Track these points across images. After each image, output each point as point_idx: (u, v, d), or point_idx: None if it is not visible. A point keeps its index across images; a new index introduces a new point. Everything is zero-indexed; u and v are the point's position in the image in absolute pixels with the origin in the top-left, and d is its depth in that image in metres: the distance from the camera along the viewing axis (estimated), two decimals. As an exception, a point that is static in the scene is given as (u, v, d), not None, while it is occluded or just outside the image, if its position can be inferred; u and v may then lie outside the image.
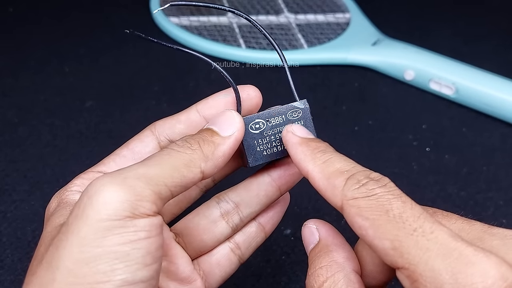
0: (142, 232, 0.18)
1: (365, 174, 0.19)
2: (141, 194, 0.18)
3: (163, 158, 0.20)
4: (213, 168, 0.21)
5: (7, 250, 0.34)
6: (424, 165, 0.42)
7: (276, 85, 0.49)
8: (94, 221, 0.17)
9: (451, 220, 0.19)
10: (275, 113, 0.23)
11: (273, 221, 0.26)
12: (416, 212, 0.17)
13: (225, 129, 0.22)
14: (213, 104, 0.24)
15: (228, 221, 0.25)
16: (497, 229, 0.18)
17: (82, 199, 0.18)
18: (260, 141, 0.23)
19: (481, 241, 0.18)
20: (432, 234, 0.16)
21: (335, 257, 0.20)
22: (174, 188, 0.19)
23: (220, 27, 0.57)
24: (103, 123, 0.45)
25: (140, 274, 0.18)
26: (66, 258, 0.17)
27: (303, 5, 0.62)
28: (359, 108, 0.49)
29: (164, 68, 0.52)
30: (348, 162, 0.20)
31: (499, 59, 0.56)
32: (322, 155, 0.20)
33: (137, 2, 0.62)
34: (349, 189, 0.19)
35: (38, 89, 0.49)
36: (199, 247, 0.25)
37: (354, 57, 0.53)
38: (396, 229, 0.17)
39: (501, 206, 0.39)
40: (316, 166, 0.20)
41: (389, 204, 0.18)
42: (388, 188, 0.18)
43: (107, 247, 0.17)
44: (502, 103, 0.46)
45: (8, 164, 0.41)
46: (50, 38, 0.55)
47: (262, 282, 0.33)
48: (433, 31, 0.60)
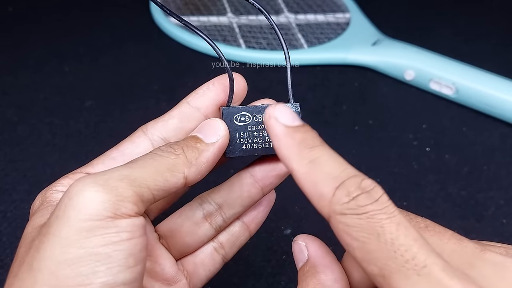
0: (124, 233, 0.18)
1: (357, 183, 0.17)
2: (122, 194, 0.18)
3: (147, 162, 0.20)
4: (196, 174, 0.21)
5: (7, 249, 0.34)
6: (425, 165, 0.42)
7: (276, 85, 0.49)
8: (75, 222, 0.17)
9: (443, 239, 0.18)
10: (263, 109, 0.23)
11: (257, 221, 0.26)
12: (410, 239, 0.16)
13: (210, 136, 0.22)
14: (203, 93, 0.24)
15: (211, 223, 0.24)
16: (489, 254, 0.17)
17: (63, 200, 0.18)
18: (242, 134, 0.23)
19: (471, 268, 0.17)
20: (424, 268, 0.15)
21: (322, 279, 0.20)
22: (156, 192, 0.19)
23: (220, 27, 0.57)
24: (103, 122, 0.45)
25: (122, 277, 0.17)
26: (48, 260, 0.17)
27: (303, 5, 0.62)
28: (359, 108, 0.49)
29: (163, 67, 0.52)
30: (338, 163, 0.18)
31: (499, 59, 0.56)
32: (309, 152, 0.18)
33: (137, 1, 0.62)
34: (337, 202, 0.17)
35: (37, 88, 0.49)
36: (183, 249, 0.24)
37: (354, 57, 0.53)
38: (387, 257, 0.16)
39: (502, 205, 0.39)
40: (301, 166, 0.18)
41: (381, 227, 0.16)
42: (380, 204, 0.17)
43: (89, 248, 0.17)
44: (502, 103, 0.46)
45: (7, 164, 0.41)
46: (49, 37, 0.55)
47: (262, 282, 0.33)
48: (433, 31, 0.60)
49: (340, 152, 0.19)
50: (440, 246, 0.18)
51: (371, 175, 0.17)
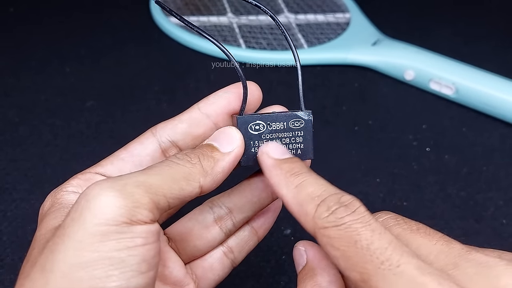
0: (138, 238, 0.18)
1: (336, 199, 0.19)
2: (139, 201, 0.18)
3: (164, 169, 0.20)
4: (211, 183, 0.21)
5: (8, 249, 0.35)
6: (424, 165, 0.42)
7: (276, 85, 0.49)
8: (91, 225, 0.17)
9: (432, 241, 0.19)
10: (277, 118, 0.23)
11: (266, 226, 0.26)
12: (384, 242, 0.17)
13: (225, 145, 0.22)
14: (214, 101, 0.24)
15: (221, 226, 0.25)
16: (474, 254, 0.18)
17: (79, 202, 0.18)
18: (256, 143, 0.23)
19: (455, 268, 0.18)
20: (398, 268, 0.16)
21: (319, 281, 0.20)
22: (172, 200, 0.19)
23: (220, 27, 0.57)
24: (104, 123, 0.45)
25: (135, 282, 0.18)
26: (62, 262, 0.17)
27: (303, 5, 0.62)
28: (359, 108, 0.49)
29: (164, 68, 0.53)
30: (320, 185, 0.20)
31: (499, 59, 0.56)
32: (295, 178, 0.20)
33: (137, 3, 0.62)
34: (319, 217, 0.18)
35: (39, 89, 0.49)
36: (192, 252, 0.25)
37: (354, 57, 0.53)
38: (364, 261, 0.17)
39: (501, 206, 0.39)
40: (289, 191, 0.20)
41: (357, 235, 0.17)
42: (357, 214, 0.18)
43: (104, 253, 0.17)
44: (502, 103, 0.46)
45: (8, 163, 0.41)
46: (51, 38, 0.56)
47: (262, 282, 0.33)
48: (433, 31, 0.60)
49: (340, 152, 0.20)
50: (429, 247, 0.19)
51: (371, 176, 0.18)
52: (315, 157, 0.24)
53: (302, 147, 0.24)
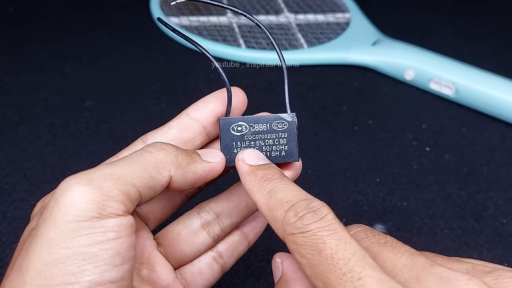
0: (110, 232, 0.18)
1: (305, 204, 0.18)
2: (108, 194, 0.18)
3: (133, 159, 0.20)
4: (181, 178, 0.21)
5: (7, 249, 0.34)
6: (424, 165, 0.42)
7: (276, 85, 0.49)
8: (61, 223, 0.18)
9: (398, 254, 0.19)
10: (260, 119, 0.23)
11: (256, 231, 0.26)
12: (348, 253, 0.17)
13: (208, 157, 0.23)
14: (203, 105, 0.24)
15: (209, 232, 0.25)
16: (437, 268, 0.18)
17: (49, 202, 0.18)
18: (238, 144, 0.23)
19: (417, 282, 0.18)
20: (359, 280, 0.16)
21: None
22: (142, 189, 0.19)
23: (220, 27, 0.57)
24: (103, 122, 0.45)
25: (109, 275, 0.18)
26: (36, 260, 0.17)
27: (303, 5, 0.62)
28: (359, 108, 0.49)
29: (163, 68, 0.52)
30: (291, 190, 0.20)
31: (499, 59, 0.56)
32: (267, 184, 0.20)
33: (137, 2, 0.62)
34: (287, 223, 0.18)
35: (38, 88, 0.49)
36: (180, 257, 0.25)
37: (354, 57, 0.53)
38: (328, 271, 0.17)
39: (501, 205, 0.39)
40: (261, 197, 0.20)
41: (322, 243, 0.17)
42: (324, 222, 0.18)
43: (75, 248, 0.17)
44: (502, 103, 0.46)
45: (8, 163, 0.41)
46: (50, 38, 0.55)
47: (262, 282, 0.33)
48: (433, 31, 0.60)
49: (340, 152, 0.20)
50: (394, 261, 0.19)
51: (371, 175, 0.17)
52: (315, 157, 0.24)
53: (287, 149, 0.24)
